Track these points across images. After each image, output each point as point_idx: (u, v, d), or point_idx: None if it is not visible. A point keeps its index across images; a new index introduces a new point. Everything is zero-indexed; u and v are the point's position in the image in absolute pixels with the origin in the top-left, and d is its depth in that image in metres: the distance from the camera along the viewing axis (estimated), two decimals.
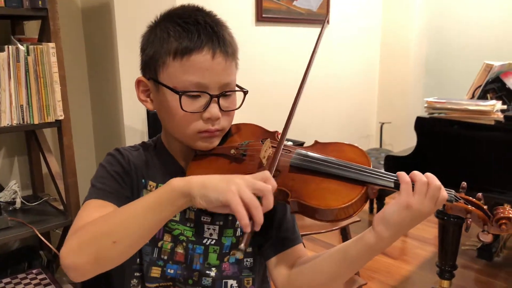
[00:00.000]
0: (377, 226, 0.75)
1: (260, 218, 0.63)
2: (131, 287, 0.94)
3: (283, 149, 0.84)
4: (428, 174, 0.74)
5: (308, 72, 0.88)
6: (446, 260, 1.97)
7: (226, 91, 0.85)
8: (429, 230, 2.99)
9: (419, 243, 2.91)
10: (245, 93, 0.90)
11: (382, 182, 0.76)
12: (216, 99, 0.84)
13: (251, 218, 0.63)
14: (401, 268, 2.61)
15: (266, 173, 0.69)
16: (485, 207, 0.78)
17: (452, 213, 0.79)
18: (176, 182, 0.69)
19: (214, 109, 0.84)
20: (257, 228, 0.64)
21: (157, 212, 0.69)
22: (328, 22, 0.90)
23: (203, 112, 0.84)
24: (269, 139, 0.86)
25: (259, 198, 0.65)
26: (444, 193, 0.74)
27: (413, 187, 0.73)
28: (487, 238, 0.79)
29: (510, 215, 0.75)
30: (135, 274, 0.94)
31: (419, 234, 3.00)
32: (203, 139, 0.87)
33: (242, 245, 0.62)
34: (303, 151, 0.85)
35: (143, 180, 0.91)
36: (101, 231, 0.71)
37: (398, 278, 2.51)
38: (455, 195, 0.77)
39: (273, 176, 0.80)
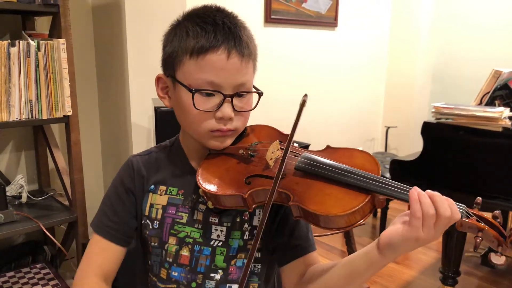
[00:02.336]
0: (384, 249, 0.73)
1: None
2: (150, 285, 0.96)
3: (290, 151, 0.82)
4: (437, 199, 0.70)
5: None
6: (449, 266, 1.97)
7: (240, 92, 0.85)
8: None
9: (422, 248, 2.89)
10: (260, 95, 0.89)
11: (390, 192, 0.73)
12: (229, 99, 0.83)
13: None
14: (404, 273, 2.61)
15: None
16: (500, 226, 0.71)
17: (462, 230, 0.72)
18: None
19: (226, 108, 0.84)
20: None
21: None
22: (304, 104, 0.81)
23: (216, 111, 0.84)
24: (277, 140, 0.85)
25: None
26: (457, 215, 0.70)
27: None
28: (500, 261, 0.71)
29: None
30: (149, 273, 0.96)
31: None
32: (215, 138, 0.87)
33: None
34: (310, 155, 0.83)
35: (152, 186, 0.94)
36: None
37: (400, 283, 2.50)
38: (466, 211, 0.73)
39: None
